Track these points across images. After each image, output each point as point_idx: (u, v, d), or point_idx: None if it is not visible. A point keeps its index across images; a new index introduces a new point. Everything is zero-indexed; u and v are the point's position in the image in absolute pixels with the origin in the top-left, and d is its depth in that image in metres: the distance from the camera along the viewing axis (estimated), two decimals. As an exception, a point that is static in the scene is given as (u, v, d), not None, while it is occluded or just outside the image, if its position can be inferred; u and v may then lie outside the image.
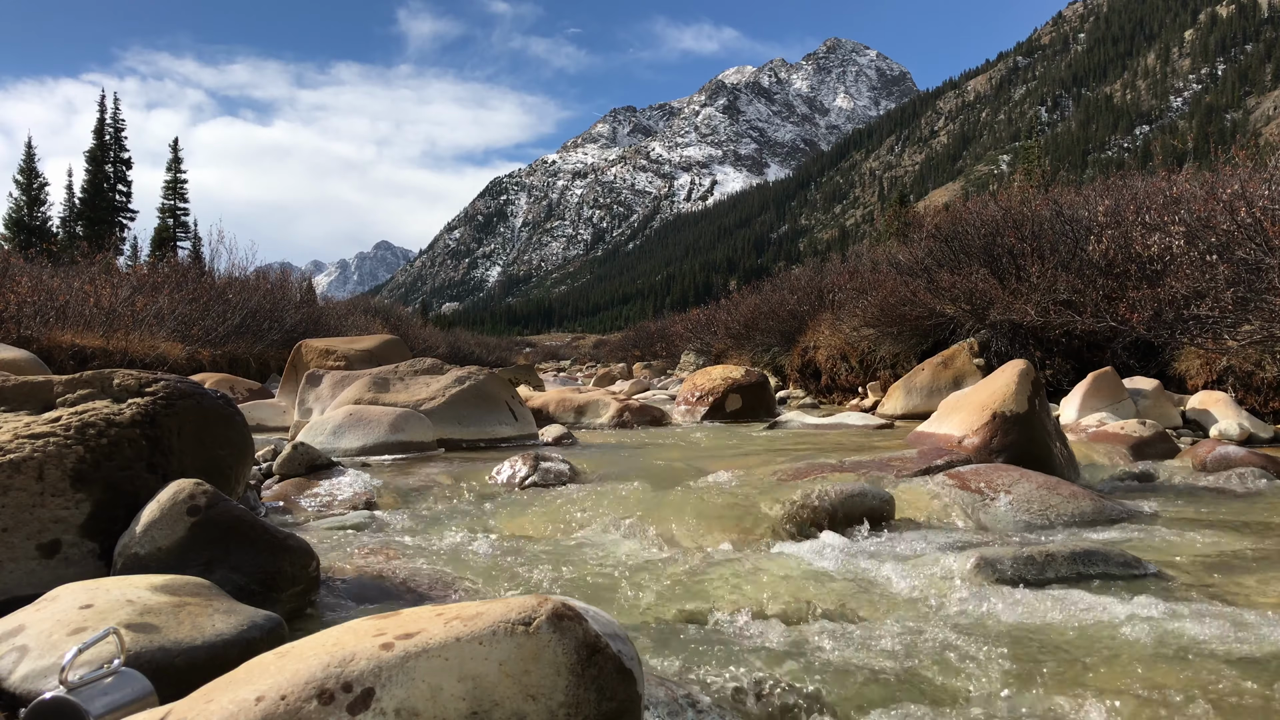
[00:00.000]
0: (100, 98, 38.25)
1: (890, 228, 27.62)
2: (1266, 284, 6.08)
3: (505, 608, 1.18)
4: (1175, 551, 2.67)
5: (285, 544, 2.05)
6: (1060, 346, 8.69)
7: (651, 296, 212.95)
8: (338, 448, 4.91)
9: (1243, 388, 6.86)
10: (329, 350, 8.26)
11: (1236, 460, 4.32)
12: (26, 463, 2.03)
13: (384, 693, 1.06)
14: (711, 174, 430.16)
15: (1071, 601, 2.04)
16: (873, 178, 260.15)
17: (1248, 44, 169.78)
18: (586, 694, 1.14)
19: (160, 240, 34.01)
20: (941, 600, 2.11)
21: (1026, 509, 3.16)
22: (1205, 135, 65.48)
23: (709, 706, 1.42)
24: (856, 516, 2.94)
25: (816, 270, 20.17)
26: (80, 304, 10.04)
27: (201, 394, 2.48)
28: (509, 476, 4.02)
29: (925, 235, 11.99)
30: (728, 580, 2.27)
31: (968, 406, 4.36)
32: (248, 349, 13.34)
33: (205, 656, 1.48)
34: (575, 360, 58.00)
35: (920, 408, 7.57)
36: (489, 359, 33.59)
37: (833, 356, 12.11)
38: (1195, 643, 1.77)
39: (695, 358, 21.37)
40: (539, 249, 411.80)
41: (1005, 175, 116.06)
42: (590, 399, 8.32)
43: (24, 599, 1.72)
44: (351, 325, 19.48)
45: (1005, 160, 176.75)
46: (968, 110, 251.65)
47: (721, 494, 3.25)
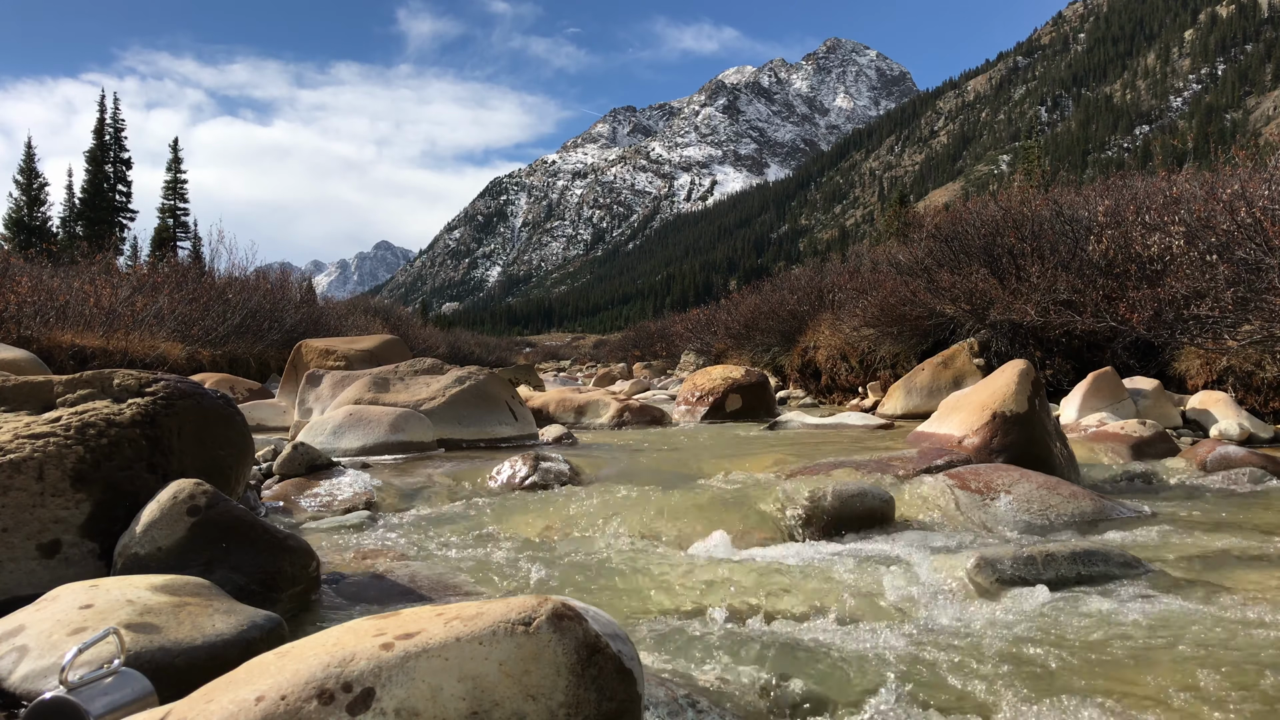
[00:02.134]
0: (100, 98, 38.28)
1: (890, 228, 27.64)
2: (1266, 284, 6.08)
3: (505, 608, 1.18)
4: (1175, 551, 2.67)
5: (285, 544, 2.05)
6: (1060, 346, 8.69)
7: (651, 296, 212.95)
8: (338, 448, 4.91)
9: (1243, 388, 6.86)
10: (329, 350, 8.26)
11: (1237, 460, 4.32)
12: (27, 463, 2.03)
13: (384, 693, 1.06)
14: (711, 174, 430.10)
15: (1072, 601, 2.04)
16: (873, 178, 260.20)
17: (1248, 44, 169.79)
18: (586, 694, 1.14)
19: (160, 240, 34.00)
20: (942, 600, 2.11)
21: (1026, 509, 3.16)
22: (1205, 135, 65.47)
23: (709, 706, 1.42)
24: (857, 516, 2.94)
25: (816, 270, 20.19)
26: (80, 304, 10.03)
27: (201, 394, 2.48)
28: (509, 477, 4.01)
29: (925, 235, 11.99)
30: (728, 580, 2.27)
31: (968, 406, 4.36)
32: (248, 349, 13.33)
33: (205, 656, 1.48)
34: (575, 360, 58.04)
35: (920, 408, 7.57)
36: (489, 359, 33.60)
37: (833, 356, 12.11)
38: (1195, 642, 1.77)
39: (695, 358, 21.37)
40: (539, 249, 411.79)
41: (1005, 175, 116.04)
42: (590, 399, 8.32)
43: (24, 599, 1.72)
44: (351, 325, 19.48)
45: (1005, 160, 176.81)
46: (968, 110, 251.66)
47: (721, 494, 3.25)
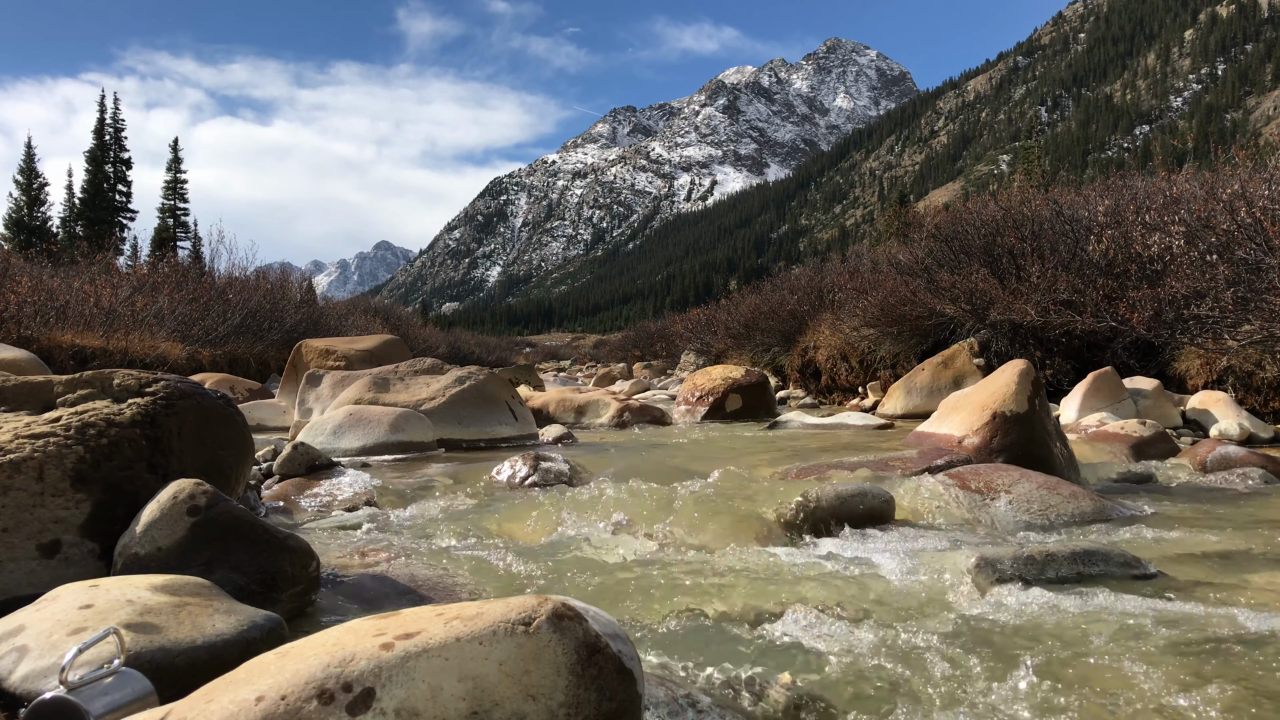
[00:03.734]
0: (100, 98, 38.29)
1: (890, 228, 27.65)
2: (1266, 284, 6.08)
3: (505, 608, 1.18)
4: (1175, 551, 2.67)
5: (285, 544, 2.05)
6: (1060, 346, 8.69)
7: (651, 296, 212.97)
8: (338, 448, 4.91)
9: (1243, 388, 6.86)
10: (329, 350, 8.26)
11: (1237, 460, 4.32)
12: (27, 463, 2.03)
13: (384, 693, 1.06)
14: (711, 174, 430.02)
15: (1072, 601, 2.04)
16: (873, 178, 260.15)
17: (1248, 44, 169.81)
18: (586, 694, 1.14)
19: (160, 240, 34.00)
20: (942, 600, 2.11)
21: (1027, 509, 3.16)
22: (1205, 135, 65.41)
23: (709, 706, 1.42)
24: (857, 516, 2.94)
25: (816, 270, 20.18)
26: (80, 304, 10.04)
27: (201, 394, 2.48)
28: (509, 476, 4.01)
29: (925, 235, 12.00)
30: (727, 580, 2.27)
31: (968, 406, 4.36)
32: (248, 349, 13.34)
33: (205, 656, 1.48)
34: (575, 360, 58.03)
35: (920, 408, 7.57)
36: (489, 359, 33.60)
37: (833, 356, 12.11)
38: (1196, 642, 1.77)
39: (695, 358, 21.37)
40: (539, 249, 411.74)
41: (1005, 175, 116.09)
42: (590, 399, 8.32)
43: (24, 599, 1.71)
44: (351, 325, 19.48)
45: (1005, 160, 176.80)
46: (968, 110, 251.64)
47: (721, 494, 3.25)
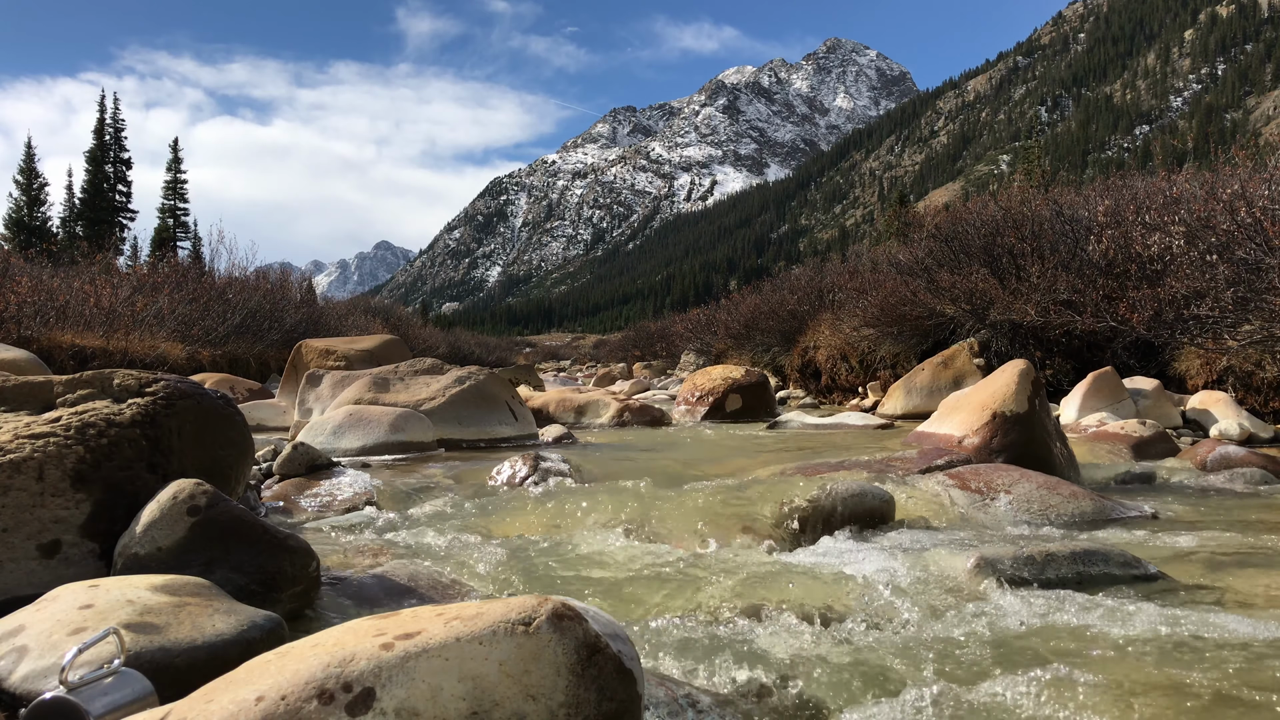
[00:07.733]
0: (100, 97, 38.34)
1: (890, 228, 27.66)
2: (1266, 284, 6.08)
3: (505, 608, 1.18)
4: (1176, 551, 2.67)
5: (285, 544, 2.05)
6: (1060, 346, 8.69)
7: (651, 296, 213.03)
8: (338, 448, 4.91)
9: (1243, 388, 6.86)
10: (329, 350, 8.26)
11: (1237, 460, 4.32)
12: (26, 463, 2.03)
13: (384, 693, 1.06)
14: (711, 174, 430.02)
15: (1072, 601, 2.04)
16: (873, 178, 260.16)
17: (1248, 44, 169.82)
18: (587, 694, 1.14)
19: (160, 240, 34.03)
20: (941, 600, 2.11)
21: (1026, 509, 3.16)
22: (1205, 135, 65.44)
23: (709, 706, 1.42)
24: (856, 517, 2.94)
25: (816, 270, 20.19)
26: (80, 304, 10.04)
27: (201, 394, 2.48)
28: (509, 476, 4.01)
29: (925, 235, 12.00)
30: (727, 580, 2.27)
31: (968, 406, 4.36)
32: (248, 349, 13.34)
33: (205, 656, 1.47)
34: (575, 360, 58.05)
35: (920, 408, 7.57)
36: (489, 359, 33.61)
37: (833, 356, 12.11)
38: (1196, 642, 1.77)
39: (695, 358, 21.38)
40: (539, 249, 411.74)
41: (1005, 175, 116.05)
42: (590, 399, 8.32)
43: (24, 599, 1.71)
44: (351, 325, 19.49)
45: (1005, 160, 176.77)
46: (968, 110, 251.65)
47: (721, 494, 3.25)
